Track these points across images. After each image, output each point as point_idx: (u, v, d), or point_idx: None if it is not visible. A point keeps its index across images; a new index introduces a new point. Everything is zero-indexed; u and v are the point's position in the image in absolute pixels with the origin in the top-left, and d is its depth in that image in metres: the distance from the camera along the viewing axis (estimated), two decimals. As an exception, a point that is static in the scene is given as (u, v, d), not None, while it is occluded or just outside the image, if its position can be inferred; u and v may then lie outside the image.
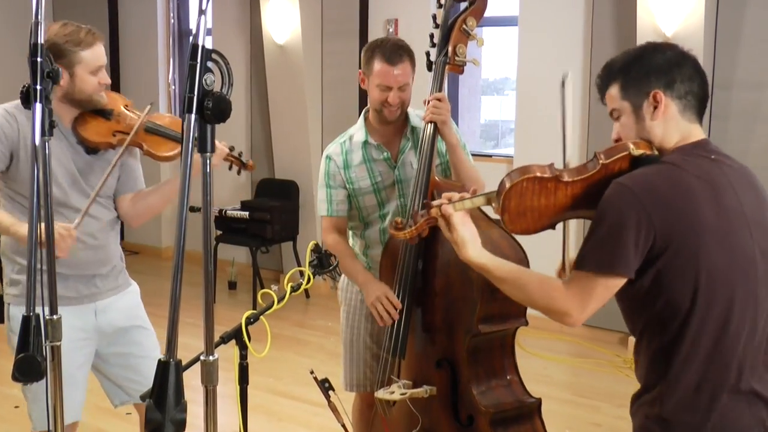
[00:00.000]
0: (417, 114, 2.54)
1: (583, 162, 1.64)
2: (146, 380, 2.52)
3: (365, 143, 2.51)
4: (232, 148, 2.52)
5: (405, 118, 2.52)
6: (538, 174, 1.59)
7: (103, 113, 2.35)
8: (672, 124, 1.60)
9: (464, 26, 2.37)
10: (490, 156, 5.53)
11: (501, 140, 7.17)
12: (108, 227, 2.46)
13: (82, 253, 2.39)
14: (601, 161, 1.58)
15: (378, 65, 2.39)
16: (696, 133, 1.63)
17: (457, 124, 2.65)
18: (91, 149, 2.35)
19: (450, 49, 2.37)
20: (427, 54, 2.44)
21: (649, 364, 1.61)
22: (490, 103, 7.18)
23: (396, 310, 2.36)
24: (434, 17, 2.43)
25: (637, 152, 1.57)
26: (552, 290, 1.59)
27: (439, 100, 2.33)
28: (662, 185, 1.52)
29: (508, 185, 1.61)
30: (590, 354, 4.62)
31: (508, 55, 5.46)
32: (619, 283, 1.54)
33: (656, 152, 1.60)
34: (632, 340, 4.94)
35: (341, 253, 2.52)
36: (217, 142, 2.31)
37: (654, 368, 1.59)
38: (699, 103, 1.63)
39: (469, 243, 1.71)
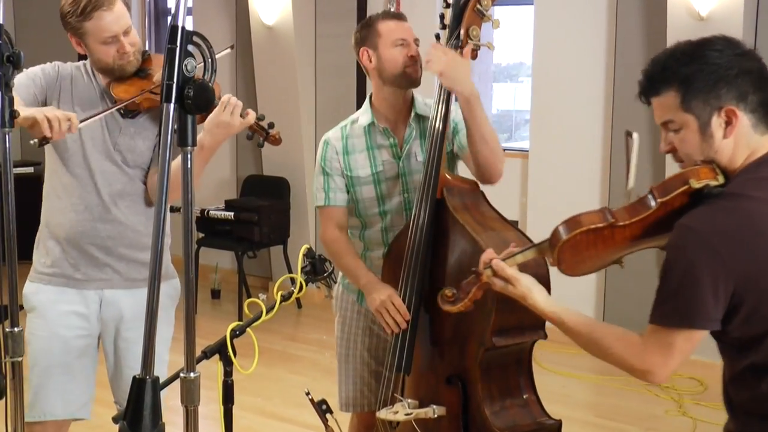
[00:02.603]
0: (425, 102, 2.53)
1: (639, 197, 1.65)
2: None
3: (370, 126, 2.51)
4: (260, 118, 2.52)
5: (411, 102, 2.52)
6: (591, 226, 1.65)
7: (140, 72, 2.43)
8: (742, 142, 1.58)
9: (478, 6, 2.36)
10: (503, 150, 5.52)
11: (515, 132, 7.17)
12: (133, 202, 2.46)
13: (89, 225, 2.40)
14: (658, 200, 1.60)
15: (385, 25, 2.48)
16: (766, 144, 1.59)
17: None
18: (124, 109, 2.41)
19: (462, 31, 2.37)
20: (437, 37, 2.43)
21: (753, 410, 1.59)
22: (502, 91, 7.17)
23: (403, 317, 2.35)
24: None
25: (698, 185, 1.57)
26: (629, 346, 1.63)
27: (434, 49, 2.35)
28: (731, 223, 1.51)
29: (560, 241, 1.67)
30: (616, 371, 4.59)
31: (523, 37, 5.46)
32: (701, 334, 1.56)
33: (720, 177, 1.58)
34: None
35: (341, 251, 2.51)
36: (249, 110, 2.38)
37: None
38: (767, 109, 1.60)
39: (537, 291, 1.77)
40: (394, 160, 2.51)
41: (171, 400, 1.46)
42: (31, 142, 2.22)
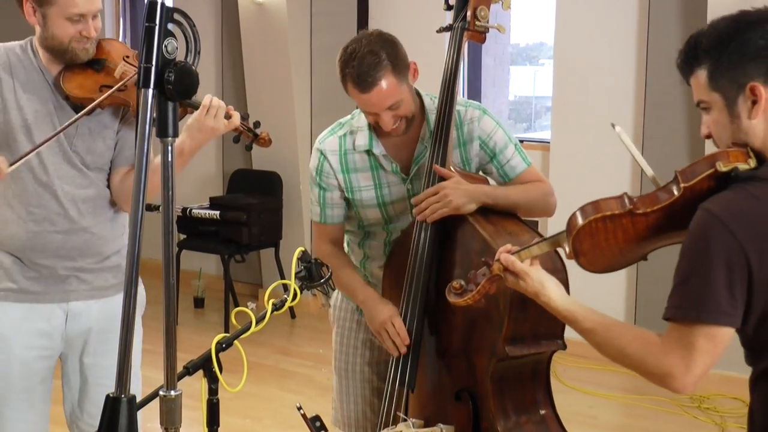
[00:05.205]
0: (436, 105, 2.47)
1: (663, 184, 1.67)
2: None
3: (369, 152, 2.49)
4: (245, 116, 2.50)
5: (421, 115, 2.46)
6: (608, 213, 1.67)
7: (95, 64, 2.40)
8: None
9: None
10: (522, 141, 5.49)
11: (535, 121, 7.18)
12: (97, 207, 2.46)
13: (51, 237, 2.39)
14: (682, 185, 1.62)
15: (352, 91, 2.34)
16: None
17: (480, 101, 2.63)
18: (79, 107, 2.38)
19: (469, 12, 2.37)
20: (448, 27, 2.44)
21: None
22: (521, 76, 7.19)
23: (403, 341, 2.36)
24: None
25: (724, 168, 1.59)
26: (647, 345, 1.63)
27: (434, 193, 2.29)
28: (756, 210, 1.53)
29: (575, 228, 1.69)
30: (647, 389, 4.60)
31: (544, 15, 5.47)
32: (724, 332, 1.55)
33: (752, 161, 1.60)
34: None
35: (337, 266, 2.49)
36: (232, 109, 2.35)
37: None
38: None
39: (550, 287, 1.80)
40: (400, 182, 2.49)
41: (149, 422, 1.46)
42: None
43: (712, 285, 1.52)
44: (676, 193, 1.62)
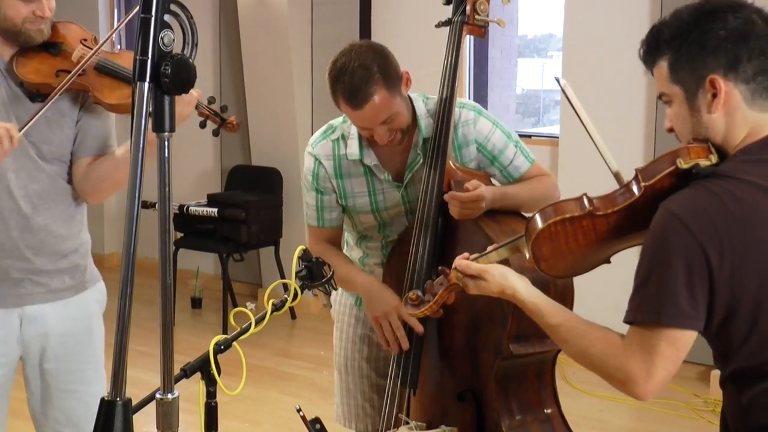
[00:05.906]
0: (429, 109, 2.44)
1: (625, 182, 1.68)
2: (71, 425, 2.52)
3: (360, 161, 2.47)
4: (211, 100, 2.49)
5: (414, 123, 2.44)
6: (568, 215, 1.66)
7: (50, 47, 2.37)
8: (737, 117, 1.59)
9: None
10: (530, 136, 5.53)
11: (543, 116, 7.18)
12: (53, 202, 2.41)
13: (3, 235, 2.34)
14: (642, 184, 1.62)
15: (344, 107, 2.33)
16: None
17: (486, 95, 2.64)
18: (34, 94, 2.35)
19: (468, 6, 2.38)
20: (447, 21, 2.43)
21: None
22: (529, 68, 7.18)
23: (403, 338, 2.36)
24: None
25: (685, 165, 1.59)
26: (610, 346, 1.61)
27: (462, 200, 2.28)
28: (716, 208, 1.52)
29: (534, 232, 1.69)
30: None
31: (553, 5, 5.46)
32: (685, 335, 1.55)
33: (713, 157, 1.60)
34: (715, 374, 4.86)
35: (332, 255, 2.52)
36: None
37: None
38: None
39: (513, 279, 1.79)
40: (395, 188, 2.49)
41: (145, 426, 1.46)
42: None
43: (672, 287, 1.51)
44: (636, 192, 1.62)
